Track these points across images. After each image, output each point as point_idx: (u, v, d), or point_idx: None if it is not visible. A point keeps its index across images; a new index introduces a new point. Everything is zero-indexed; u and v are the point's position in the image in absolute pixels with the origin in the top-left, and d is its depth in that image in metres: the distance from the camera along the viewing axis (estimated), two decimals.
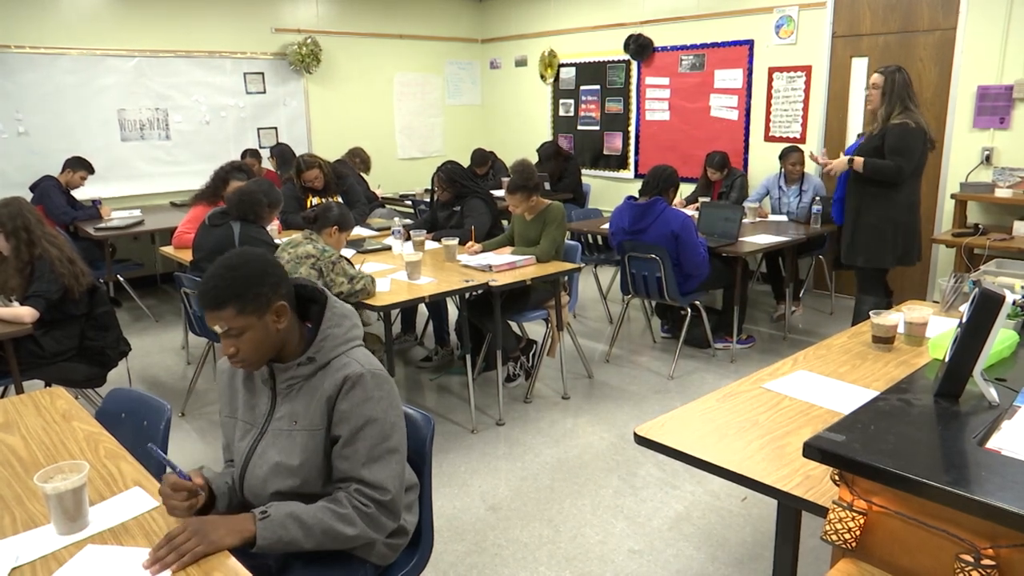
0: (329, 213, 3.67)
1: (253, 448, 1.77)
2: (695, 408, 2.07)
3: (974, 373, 1.57)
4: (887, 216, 4.21)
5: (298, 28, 7.65)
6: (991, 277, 3.02)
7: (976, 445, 1.38)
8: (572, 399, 4.33)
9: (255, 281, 1.66)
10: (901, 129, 4.06)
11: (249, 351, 1.68)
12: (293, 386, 1.74)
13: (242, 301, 1.64)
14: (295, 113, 7.81)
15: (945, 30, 5.47)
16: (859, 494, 1.38)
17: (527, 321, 4.46)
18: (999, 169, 5.27)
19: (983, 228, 5.10)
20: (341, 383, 1.69)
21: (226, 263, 1.68)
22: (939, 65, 5.54)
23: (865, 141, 4.22)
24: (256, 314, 1.65)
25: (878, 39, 5.84)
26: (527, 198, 4.29)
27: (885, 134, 4.10)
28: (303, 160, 5.33)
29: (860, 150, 4.22)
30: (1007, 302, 1.51)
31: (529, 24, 8.56)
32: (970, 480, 1.25)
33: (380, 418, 1.70)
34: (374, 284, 3.55)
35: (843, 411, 1.81)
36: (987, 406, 1.55)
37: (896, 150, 4.07)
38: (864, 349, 2.49)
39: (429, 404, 4.33)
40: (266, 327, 1.68)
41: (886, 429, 1.44)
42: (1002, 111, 5.23)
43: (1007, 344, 1.94)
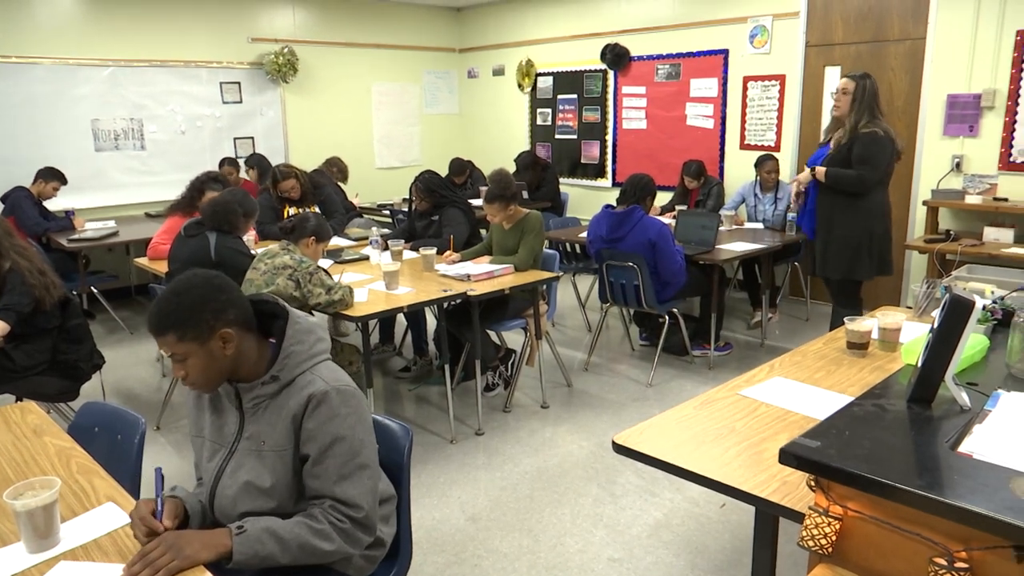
0: (306, 223, 3.65)
1: (222, 468, 1.75)
2: (673, 416, 2.07)
3: (946, 378, 1.59)
4: (862, 227, 4.15)
5: (275, 38, 7.63)
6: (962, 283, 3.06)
7: (948, 449, 1.40)
8: (551, 408, 4.33)
9: (196, 308, 1.63)
10: (869, 138, 4.00)
11: (196, 375, 1.67)
12: (259, 405, 1.72)
13: (182, 328, 1.62)
14: (272, 123, 7.77)
15: (915, 40, 5.56)
16: (835, 499, 1.39)
17: (506, 330, 4.45)
18: (969, 176, 5.35)
19: (954, 234, 5.18)
20: (306, 401, 1.67)
21: (172, 288, 1.66)
22: (909, 74, 5.63)
23: (834, 150, 4.12)
24: (197, 341, 1.63)
25: (850, 48, 5.93)
26: (505, 207, 4.30)
27: (854, 143, 4.03)
28: (279, 170, 5.30)
29: (830, 160, 4.13)
30: (977, 307, 1.54)
31: (506, 34, 8.59)
32: (943, 484, 1.27)
33: (348, 435, 1.68)
34: (352, 294, 3.53)
35: (819, 417, 1.82)
36: (959, 410, 1.57)
37: (862, 159, 4.01)
38: (839, 355, 2.51)
39: (408, 414, 4.31)
40: (210, 353, 1.65)
41: (861, 434, 1.46)
42: (971, 119, 5.33)
43: (978, 349, 1.96)
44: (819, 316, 5.97)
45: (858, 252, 4.19)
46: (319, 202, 5.48)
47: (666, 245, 4.51)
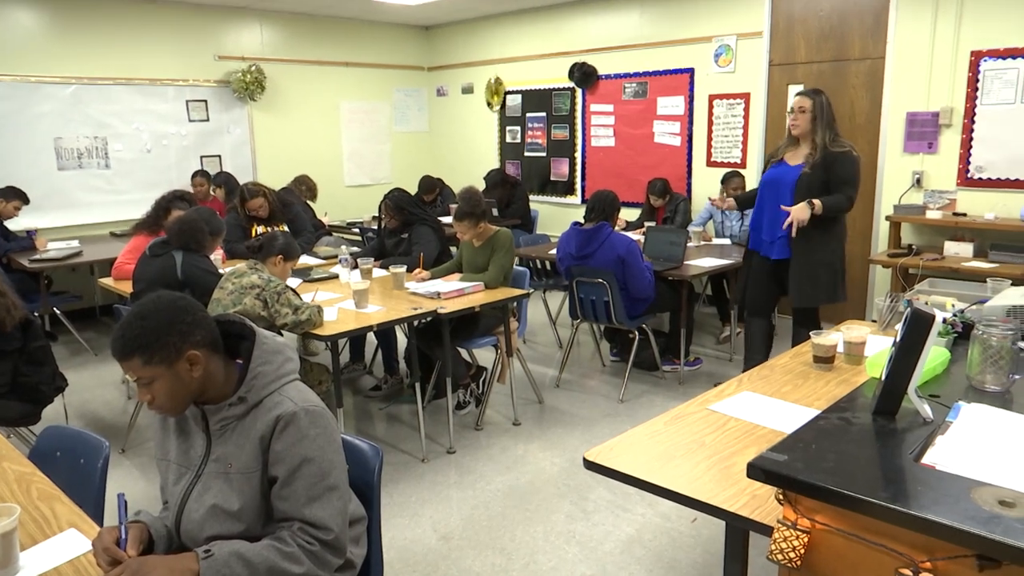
0: (274, 242, 3.62)
1: (188, 492, 1.72)
2: (643, 431, 2.08)
3: (909, 390, 1.62)
4: (839, 250, 4.07)
5: (242, 56, 7.59)
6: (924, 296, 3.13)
7: (912, 461, 1.42)
8: (523, 425, 4.32)
9: (162, 331, 1.60)
10: (847, 157, 3.92)
11: (163, 399, 1.64)
12: (226, 427, 1.70)
13: (148, 352, 1.59)
14: (239, 141, 7.72)
15: (875, 59, 5.70)
16: (803, 512, 1.40)
17: (477, 348, 4.45)
18: (929, 192, 5.48)
19: (916, 248, 5.29)
20: (274, 423, 1.65)
21: (136, 311, 1.63)
22: (870, 92, 5.76)
23: (810, 172, 3.94)
24: (164, 364, 1.61)
25: (812, 67, 6.05)
26: (475, 225, 4.31)
27: (829, 163, 3.91)
28: (247, 188, 5.26)
29: (808, 180, 3.94)
30: (937, 321, 1.57)
31: (475, 52, 8.64)
32: (907, 495, 1.29)
33: (316, 456, 1.66)
34: (320, 314, 3.51)
35: (786, 430, 1.85)
36: (922, 422, 1.60)
37: (846, 180, 3.91)
38: (806, 369, 2.55)
39: (378, 433, 4.28)
40: (177, 376, 1.63)
41: (827, 448, 1.48)
42: (930, 136, 5.46)
43: (939, 361, 2.00)
44: (786, 330, 6.01)
45: (840, 275, 4.09)
46: (288, 220, 5.44)
47: (635, 261, 4.55)
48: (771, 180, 4.13)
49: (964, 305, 2.62)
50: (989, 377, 1.86)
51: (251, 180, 6.61)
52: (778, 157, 4.16)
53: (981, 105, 5.22)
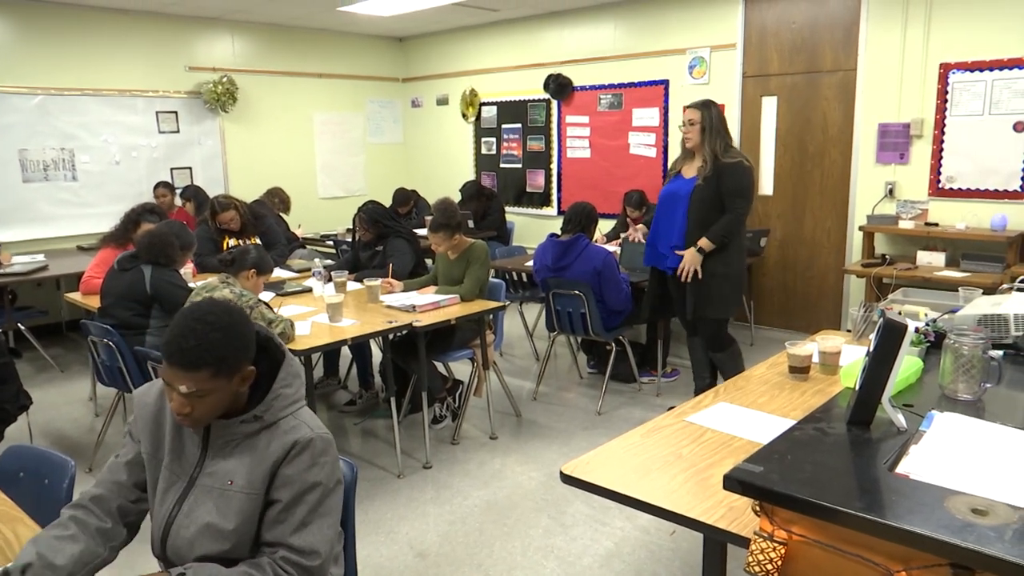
0: (246, 256, 3.59)
1: (179, 504, 1.67)
2: (620, 444, 2.09)
3: (883, 400, 1.64)
4: (738, 263, 4.04)
5: (213, 66, 7.55)
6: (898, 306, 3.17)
7: (886, 471, 1.44)
8: (500, 439, 4.31)
9: (240, 344, 1.57)
10: (737, 169, 3.90)
11: (206, 412, 1.59)
12: (231, 442, 1.66)
13: (221, 364, 1.54)
14: (210, 153, 7.66)
15: (847, 71, 5.80)
16: (779, 524, 1.41)
17: (452, 361, 4.44)
18: (902, 202, 5.57)
19: (890, 258, 5.36)
20: (290, 447, 1.62)
21: (208, 320, 1.56)
22: (843, 104, 5.86)
23: (703, 184, 3.92)
24: (228, 377, 1.57)
25: (786, 79, 6.14)
26: (450, 237, 4.30)
27: (720, 175, 3.90)
28: (218, 201, 5.23)
29: (700, 196, 3.93)
30: (910, 331, 1.59)
31: (450, 63, 8.67)
32: (882, 505, 1.30)
33: (323, 483, 1.64)
34: (293, 328, 3.48)
35: (763, 441, 1.86)
36: (896, 432, 1.62)
37: (736, 192, 3.90)
38: (781, 379, 2.57)
39: (353, 449, 4.25)
40: (231, 390, 1.60)
41: (802, 458, 1.49)
42: (901, 147, 5.55)
43: (912, 371, 2.03)
44: (764, 341, 6.10)
45: (737, 289, 4.08)
46: (260, 233, 5.41)
47: (611, 273, 4.57)
48: (668, 194, 4.11)
49: (936, 314, 2.66)
50: (961, 386, 1.89)
51: (222, 192, 6.56)
52: (675, 170, 4.15)
53: (951, 116, 5.32)
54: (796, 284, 6.36)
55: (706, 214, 3.95)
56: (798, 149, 6.17)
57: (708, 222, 3.94)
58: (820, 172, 6.08)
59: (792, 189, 6.25)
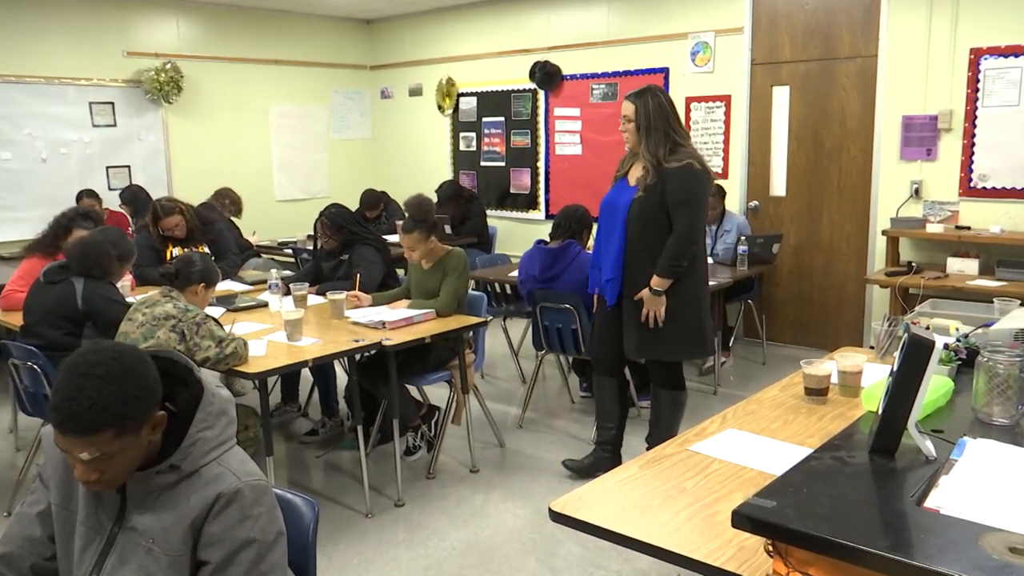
0: (191, 266, 3.58)
1: (99, 565, 1.63)
2: (616, 477, 2.09)
3: (909, 426, 1.65)
4: (692, 288, 3.72)
5: (155, 52, 7.53)
6: (926, 319, 3.20)
7: (914, 505, 1.45)
8: (482, 472, 4.30)
9: (141, 392, 1.51)
10: (684, 173, 3.56)
11: (117, 474, 1.55)
12: (150, 494, 1.62)
13: (122, 423, 1.48)
14: (152, 149, 7.63)
15: (866, 57, 5.86)
16: (794, 565, 1.42)
17: (428, 384, 4.42)
18: (929, 203, 5.63)
19: (917, 266, 5.40)
20: (212, 501, 1.58)
21: (97, 373, 1.47)
22: (863, 94, 5.92)
23: (643, 193, 3.61)
24: (135, 432, 1.51)
25: (799, 67, 6.20)
26: (425, 238, 4.30)
27: (664, 181, 3.57)
28: (162, 205, 5.20)
29: (639, 210, 3.62)
30: (937, 347, 1.61)
31: (424, 49, 8.69)
32: (909, 544, 1.31)
33: (259, 539, 1.60)
34: (247, 347, 3.47)
35: (776, 472, 1.86)
36: (924, 461, 1.63)
37: (682, 201, 3.56)
38: (796, 403, 2.58)
39: (315, 485, 4.22)
40: (141, 443, 1.54)
41: (819, 491, 1.49)
42: (928, 142, 5.62)
43: (942, 392, 2.05)
44: (776, 359, 6.13)
45: (700, 324, 3.75)
46: (209, 241, 5.39)
47: None
48: (607, 205, 3.82)
49: (969, 328, 2.68)
50: (996, 409, 1.91)
51: (166, 195, 6.53)
52: (622, 172, 3.85)
53: (983, 107, 5.39)
54: (812, 295, 6.40)
55: (649, 233, 3.63)
56: (813, 144, 6.23)
57: (652, 244, 3.63)
58: (838, 170, 6.13)
59: (807, 189, 6.31)
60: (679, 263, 3.60)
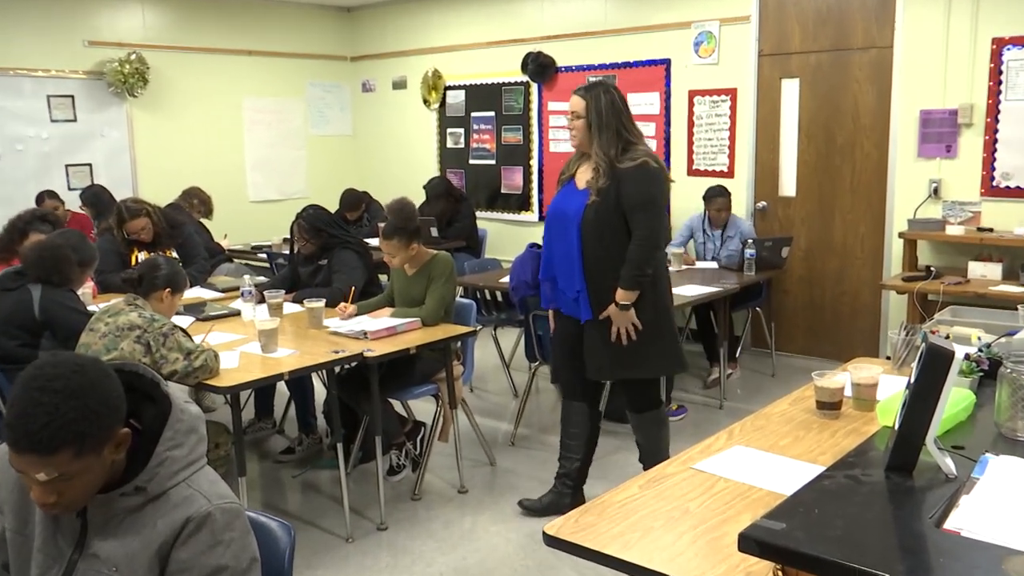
0: (157, 272, 3.57)
1: None
2: (614, 498, 2.09)
3: (927, 441, 1.66)
4: (665, 299, 3.70)
5: (119, 41, 7.52)
6: (945, 328, 3.21)
7: (933, 526, 1.45)
8: (471, 492, 4.30)
9: (103, 408, 1.50)
10: (639, 173, 3.48)
11: (77, 497, 1.54)
12: (113, 518, 1.62)
13: (82, 441, 1.47)
14: (116, 146, 7.62)
15: (881, 48, 5.89)
16: None
17: (413, 399, 4.42)
18: (948, 203, 5.65)
19: (936, 271, 5.41)
20: (181, 526, 1.58)
21: (55, 388, 1.46)
22: (877, 86, 5.95)
23: (599, 202, 3.50)
24: (96, 451, 1.50)
25: (809, 58, 6.23)
26: (407, 245, 4.30)
27: (619, 183, 3.48)
28: (127, 206, 5.19)
29: (595, 217, 3.52)
30: (957, 358, 1.62)
31: (409, 39, 8.70)
32: (928, 568, 1.32)
33: (231, 565, 1.60)
34: (218, 360, 3.46)
35: (785, 492, 1.87)
36: (944, 479, 1.64)
37: (639, 204, 3.48)
38: (808, 417, 2.59)
39: (292, 508, 4.21)
40: (103, 463, 1.54)
41: (832, 512, 1.50)
42: (948, 138, 5.65)
43: (962, 406, 2.05)
44: (786, 370, 6.15)
45: (673, 335, 3.71)
46: (177, 245, 5.38)
47: None
48: (556, 212, 3.72)
49: (992, 338, 2.70)
50: (1021, 424, 1.92)
51: (131, 195, 6.51)
52: (568, 174, 3.74)
53: (1006, 101, 5.42)
54: (824, 302, 6.42)
55: (608, 241, 3.54)
56: (825, 141, 6.26)
57: (612, 253, 3.53)
58: (851, 168, 6.16)
59: (818, 189, 6.33)
60: (644, 272, 3.52)
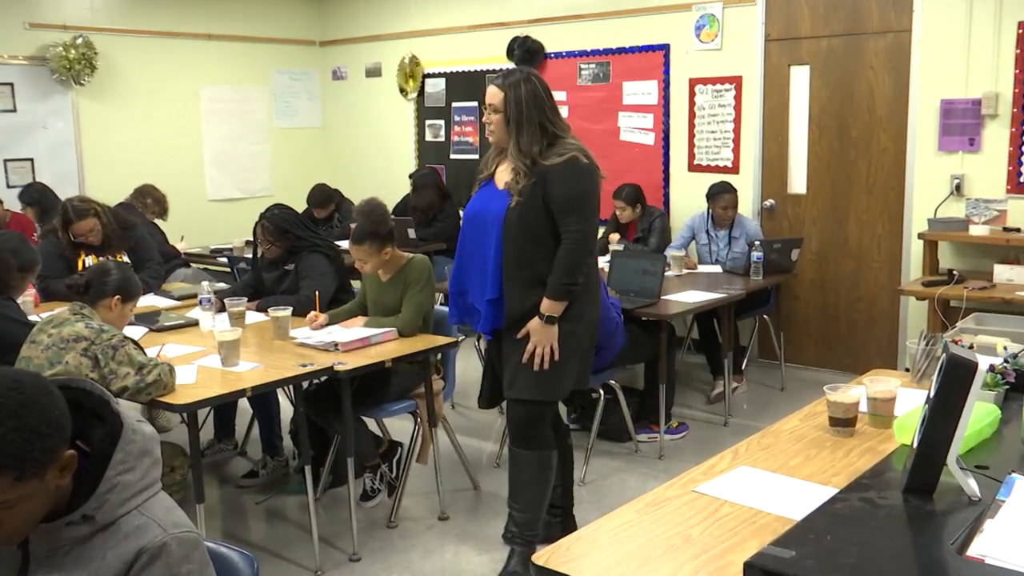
0: (106, 278, 3.56)
1: None
2: (610, 524, 2.09)
3: (948, 461, 1.67)
4: (593, 312, 3.59)
5: (64, 24, 7.49)
6: (969, 336, 3.23)
7: (955, 553, 1.46)
8: (452, 519, 4.30)
9: (45, 428, 1.49)
10: (567, 171, 3.34)
11: (19, 526, 1.54)
12: (58, 550, 1.61)
13: (22, 465, 1.46)
14: (60, 139, 7.59)
15: (898, 32, 5.93)
16: None
17: (388, 416, 4.42)
18: (972, 201, 5.68)
19: (958, 275, 5.43)
20: (133, 558, 1.57)
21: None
22: (894, 75, 5.99)
23: (523, 203, 3.35)
24: (38, 475, 1.50)
25: (820, 43, 6.27)
26: (379, 250, 4.29)
27: (544, 182, 3.34)
28: (73, 206, 5.17)
29: (517, 222, 3.37)
30: (981, 370, 1.63)
31: (383, 22, 8.70)
32: None
33: None
34: (173, 375, 3.44)
35: (795, 517, 1.87)
36: (966, 502, 1.65)
37: (570, 205, 3.34)
38: (820, 435, 2.59)
39: (255, 537, 4.20)
40: (46, 489, 1.53)
41: (846, 539, 1.51)
42: (971, 130, 5.68)
43: (987, 422, 2.07)
44: (797, 384, 6.17)
45: (584, 355, 3.59)
46: (128, 248, 5.36)
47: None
48: (474, 216, 3.60)
49: (1019, 347, 2.72)
50: None
51: (78, 194, 6.49)
52: (487, 173, 3.64)
53: None
54: (838, 309, 6.45)
55: (531, 247, 3.40)
56: (838, 134, 6.30)
57: (535, 260, 3.40)
58: (867, 163, 6.20)
59: (831, 186, 6.37)
60: (575, 279, 3.38)
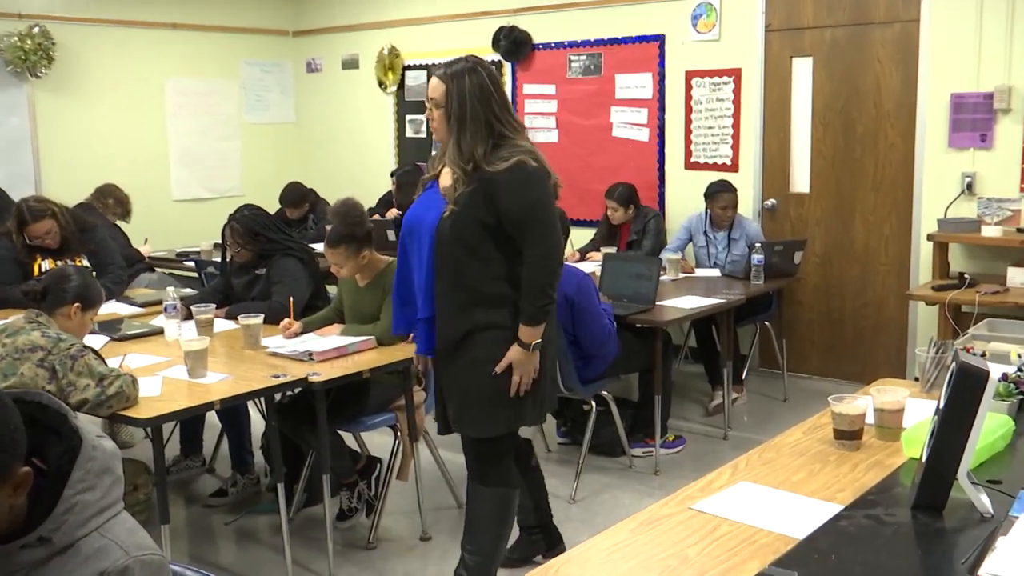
0: (65, 283, 3.56)
1: None
2: (602, 543, 2.09)
3: (959, 475, 1.67)
4: (551, 329, 3.37)
5: (18, 12, 7.46)
6: (982, 344, 3.24)
7: (966, 573, 1.47)
8: (435, 539, 4.29)
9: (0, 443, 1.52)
10: (514, 178, 3.10)
11: None
12: (13, 574, 1.61)
13: None
14: (15, 136, 7.56)
15: (906, 22, 5.96)
16: None
17: (366, 431, 4.42)
18: (984, 200, 5.71)
19: (970, 278, 5.45)
20: None
21: None
22: (901, 67, 6.02)
23: (459, 213, 3.13)
24: None
25: (824, 34, 6.29)
26: (356, 253, 4.28)
27: (488, 191, 3.11)
28: (28, 207, 5.15)
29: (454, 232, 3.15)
30: (993, 379, 1.64)
31: (361, 11, 8.70)
32: None
33: None
34: (136, 386, 3.43)
35: (798, 535, 1.88)
36: (978, 519, 1.65)
37: (526, 216, 3.14)
38: (824, 448, 2.60)
39: (224, 560, 4.19)
40: (1, 507, 1.55)
41: (851, 558, 1.51)
42: (982, 126, 5.71)
43: (999, 434, 2.08)
44: (800, 394, 6.18)
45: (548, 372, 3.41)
46: (88, 251, 5.35)
47: (588, 303, 4.58)
48: (410, 223, 3.40)
49: None
50: None
51: (33, 194, 6.46)
52: (432, 175, 3.42)
53: None
54: (843, 315, 6.47)
55: (469, 265, 3.20)
56: (843, 130, 6.32)
57: (475, 280, 3.22)
58: (873, 161, 6.22)
59: (836, 185, 6.39)
60: (549, 297, 3.20)
